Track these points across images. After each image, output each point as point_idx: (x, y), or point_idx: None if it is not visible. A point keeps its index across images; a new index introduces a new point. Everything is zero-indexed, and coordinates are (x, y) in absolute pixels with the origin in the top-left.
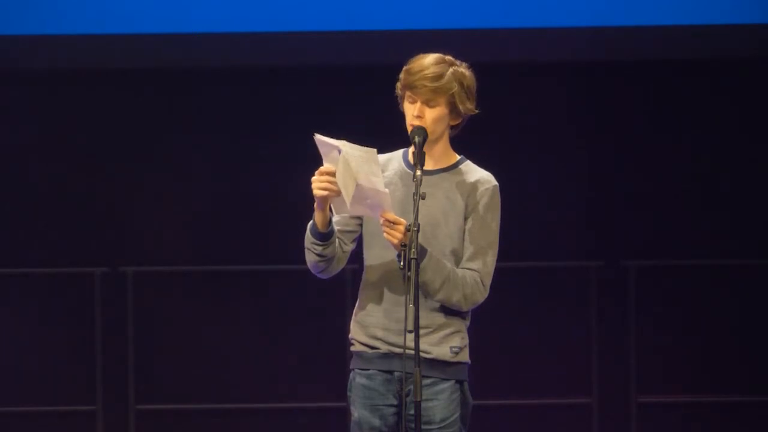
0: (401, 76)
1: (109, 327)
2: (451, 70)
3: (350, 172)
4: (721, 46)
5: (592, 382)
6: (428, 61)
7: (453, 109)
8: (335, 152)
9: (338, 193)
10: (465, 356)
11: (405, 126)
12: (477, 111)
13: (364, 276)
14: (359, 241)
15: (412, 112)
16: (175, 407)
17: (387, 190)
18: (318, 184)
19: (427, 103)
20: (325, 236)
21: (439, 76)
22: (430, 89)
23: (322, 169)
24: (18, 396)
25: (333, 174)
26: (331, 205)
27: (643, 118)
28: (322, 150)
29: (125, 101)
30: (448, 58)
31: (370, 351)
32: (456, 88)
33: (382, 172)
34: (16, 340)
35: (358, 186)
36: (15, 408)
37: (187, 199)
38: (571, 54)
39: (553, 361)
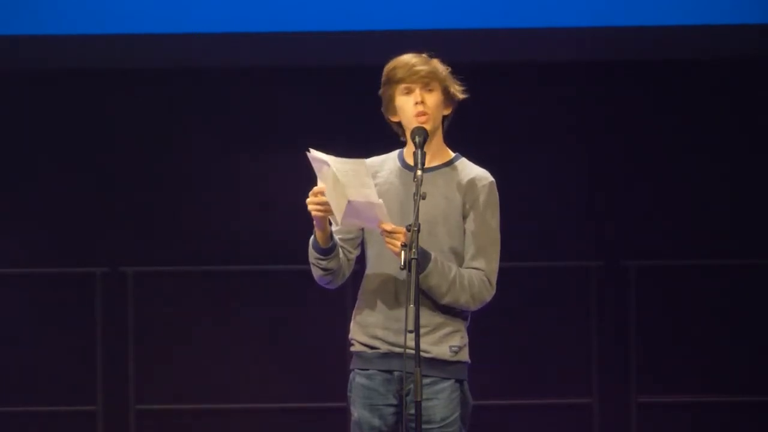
0: (389, 75)
1: (109, 327)
2: (433, 60)
3: (340, 188)
4: (721, 46)
5: (592, 382)
6: (409, 55)
7: (446, 95)
8: (326, 168)
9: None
10: (465, 355)
11: (406, 123)
12: (467, 95)
13: (365, 276)
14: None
15: (414, 100)
16: (175, 407)
17: (381, 201)
18: (313, 206)
19: (426, 87)
20: (327, 251)
21: (427, 61)
22: (427, 71)
23: (315, 189)
24: (18, 396)
25: (323, 193)
26: (331, 219)
27: (643, 118)
28: (314, 165)
29: (125, 101)
30: (424, 54)
31: (369, 351)
32: (445, 72)
33: (377, 173)
34: (16, 340)
35: (349, 203)
36: (15, 408)
37: (187, 199)
38: (571, 54)
39: (553, 361)
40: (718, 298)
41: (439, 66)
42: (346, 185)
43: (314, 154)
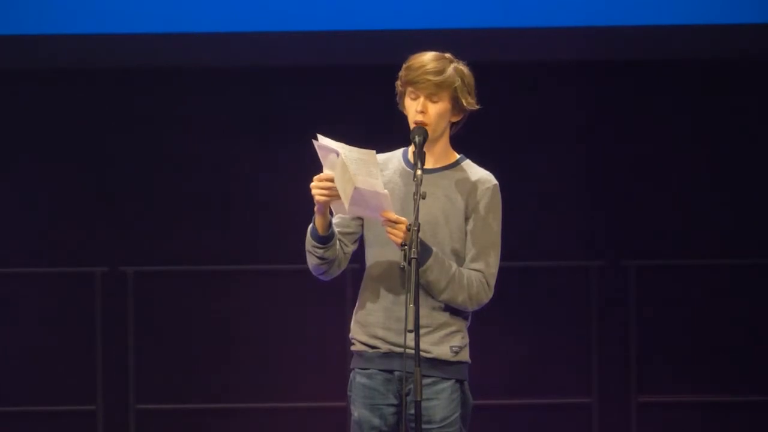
0: (402, 73)
1: (109, 327)
2: (452, 65)
3: (348, 175)
4: (721, 46)
5: (592, 382)
6: (429, 57)
7: (455, 104)
8: (333, 155)
9: (338, 197)
10: (465, 355)
11: (407, 123)
12: (479, 106)
13: (365, 275)
14: (360, 242)
15: (415, 108)
16: (175, 407)
17: (386, 191)
18: (317, 190)
19: (430, 98)
20: (325, 239)
21: (441, 71)
22: (434, 83)
23: (321, 175)
24: (18, 396)
25: (331, 180)
26: (331, 206)
27: (642, 118)
28: (320, 153)
29: (125, 101)
30: (448, 55)
31: (370, 350)
32: (458, 82)
33: (381, 171)
34: (16, 339)
35: (356, 189)
36: (15, 408)
37: (187, 199)
38: (571, 54)
39: (553, 361)
40: (719, 297)
41: (453, 75)
42: (354, 173)
43: (322, 141)
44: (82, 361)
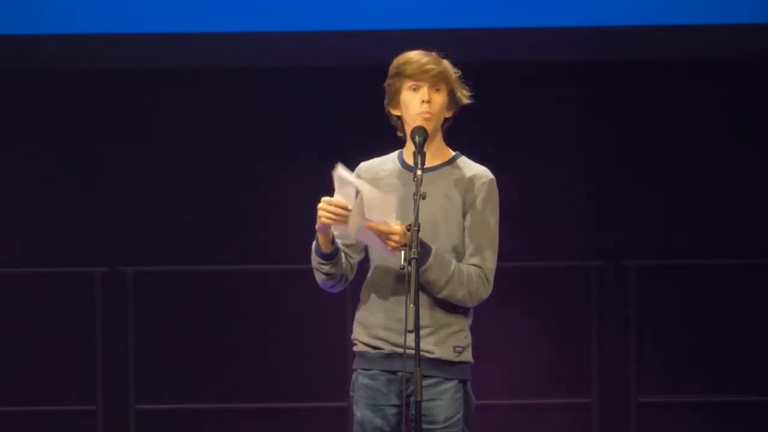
0: (396, 70)
1: (109, 327)
2: (443, 61)
3: (363, 213)
4: (721, 46)
5: (592, 382)
6: (421, 53)
7: (452, 97)
8: (351, 188)
9: (343, 222)
10: (468, 355)
11: (408, 119)
12: (471, 99)
13: (367, 276)
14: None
15: (421, 98)
16: (175, 407)
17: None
18: (325, 213)
19: (433, 87)
20: (330, 256)
21: (439, 62)
22: (437, 71)
23: (333, 200)
24: (18, 396)
25: (344, 207)
26: (334, 229)
27: (642, 118)
28: (337, 183)
29: (125, 101)
30: (434, 53)
31: (372, 351)
32: (455, 75)
33: (377, 174)
34: (16, 339)
35: (365, 225)
36: (15, 408)
37: (187, 199)
38: (571, 54)
39: (553, 361)
40: (718, 297)
41: (449, 68)
42: (369, 208)
43: (341, 173)
44: (82, 361)
